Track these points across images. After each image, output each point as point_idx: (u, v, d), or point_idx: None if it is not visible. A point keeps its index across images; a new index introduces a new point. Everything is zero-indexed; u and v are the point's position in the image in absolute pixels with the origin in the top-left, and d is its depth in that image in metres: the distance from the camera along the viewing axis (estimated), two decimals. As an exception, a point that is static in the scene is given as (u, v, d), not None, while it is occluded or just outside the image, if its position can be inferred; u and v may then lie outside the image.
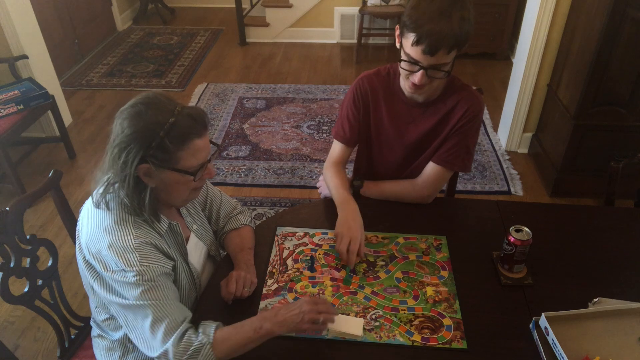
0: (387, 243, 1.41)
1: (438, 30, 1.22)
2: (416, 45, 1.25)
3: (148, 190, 1.08)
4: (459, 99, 1.44)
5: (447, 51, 1.26)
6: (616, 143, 2.55)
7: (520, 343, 1.14)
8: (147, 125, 1.03)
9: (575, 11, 2.60)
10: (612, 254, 1.39)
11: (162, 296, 1.08)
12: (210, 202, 1.42)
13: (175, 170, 1.07)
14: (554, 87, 2.83)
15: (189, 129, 1.06)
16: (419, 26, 1.23)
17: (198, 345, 1.05)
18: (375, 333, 1.17)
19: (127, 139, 1.03)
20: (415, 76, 1.32)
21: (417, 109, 1.48)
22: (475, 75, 4.16)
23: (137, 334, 1.08)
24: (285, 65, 4.40)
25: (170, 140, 1.03)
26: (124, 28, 5.20)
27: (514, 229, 1.27)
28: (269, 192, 2.88)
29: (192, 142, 1.07)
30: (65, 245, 2.46)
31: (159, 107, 1.05)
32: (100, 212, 1.11)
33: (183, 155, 1.06)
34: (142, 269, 1.06)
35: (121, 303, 1.08)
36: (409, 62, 1.31)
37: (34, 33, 3.11)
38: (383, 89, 1.51)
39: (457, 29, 1.23)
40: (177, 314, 1.09)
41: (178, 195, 1.15)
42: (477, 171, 3.03)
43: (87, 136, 3.43)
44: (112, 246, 1.06)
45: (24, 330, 2.11)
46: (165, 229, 1.18)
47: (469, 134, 1.46)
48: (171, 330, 1.06)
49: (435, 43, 1.23)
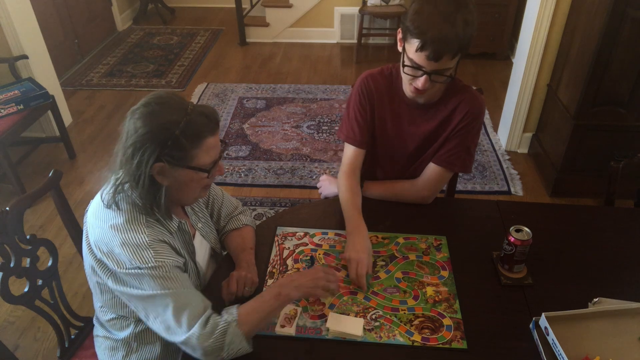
0: (387, 243, 1.41)
1: (442, 36, 1.20)
2: (420, 51, 1.24)
3: (163, 190, 1.09)
4: (460, 100, 1.43)
5: (452, 56, 1.25)
6: (616, 143, 2.55)
7: (520, 343, 1.14)
8: (162, 124, 1.03)
9: (575, 11, 2.60)
10: (612, 254, 1.39)
11: (180, 285, 1.08)
12: (212, 201, 1.42)
13: (190, 168, 1.08)
14: (554, 87, 2.83)
15: (203, 127, 1.07)
16: (423, 32, 1.21)
17: (224, 325, 1.05)
18: (375, 333, 1.17)
19: (141, 138, 1.03)
20: (418, 81, 1.31)
21: (419, 110, 1.48)
22: (475, 75, 4.16)
23: (160, 323, 1.07)
24: (285, 65, 4.40)
25: (185, 138, 1.04)
26: (124, 28, 5.20)
27: (514, 229, 1.27)
28: (269, 192, 2.88)
29: (206, 139, 1.08)
30: (65, 245, 2.46)
31: (172, 106, 1.06)
32: (110, 212, 1.10)
33: (198, 153, 1.07)
34: (158, 264, 1.06)
35: (140, 295, 1.07)
36: (412, 67, 1.30)
37: (34, 33, 3.11)
38: (386, 88, 1.50)
39: (462, 34, 1.21)
40: (198, 301, 1.09)
41: (190, 193, 1.16)
42: (477, 171, 3.03)
43: (87, 136, 3.43)
44: (126, 244, 1.06)
45: (24, 330, 2.11)
46: (176, 228, 1.19)
47: (469, 135, 1.46)
48: (195, 316, 1.05)
49: (440, 49, 1.22)
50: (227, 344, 1.05)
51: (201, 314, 1.06)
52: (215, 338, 1.04)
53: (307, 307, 1.23)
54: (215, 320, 1.06)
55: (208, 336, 1.03)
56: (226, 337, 1.04)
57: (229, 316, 1.07)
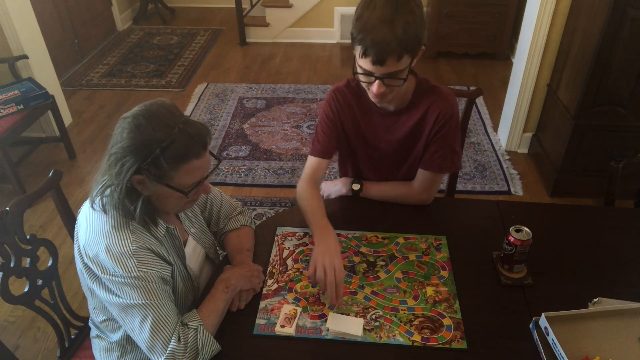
0: (387, 243, 1.41)
1: (381, 39, 1.18)
2: (364, 57, 1.23)
3: (141, 199, 1.08)
4: (429, 102, 1.42)
5: (397, 58, 1.21)
6: (616, 143, 2.55)
7: (520, 343, 1.14)
8: (145, 140, 1.02)
9: (575, 11, 2.60)
10: (612, 254, 1.38)
11: (159, 298, 1.09)
12: (210, 205, 1.42)
13: (168, 186, 1.07)
14: (554, 87, 2.83)
15: (186, 150, 1.05)
16: (363, 38, 1.20)
17: (194, 333, 1.08)
18: (375, 333, 1.17)
19: (123, 150, 1.03)
20: (373, 86, 1.30)
21: (391, 117, 1.47)
22: (475, 75, 4.16)
23: (140, 340, 1.09)
24: (285, 65, 4.40)
25: (165, 159, 1.02)
26: (124, 28, 5.20)
27: (514, 229, 1.27)
28: (269, 192, 2.88)
29: (189, 162, 1.06)
30: (65, 245, 2.46)
31: (160, 122, 1.03)
32: (98, 215, 1.11)
33: (176, 175, 1.06)
34: (140, 274, 1.07)
35: (119, 303, 1.08)
36: (363, 74, 1.29)
37: (34, 33, 3.11)
38: (356, 100, 1.49)
39: (402, 35, 1.18)
40: (173, 317, 1.10)
41: (172, 206, 1.16)
42: (477, 171, 3.03)
43: (87, 136, 3.43)
44: (110, 251, 1.06)
45: (24, 330, 2.11)
46: (163, 234, 1.18)
47: (448, 136, 1.45)
48: (169, 334, 1.07)
49: (381, 52, 1.19)
50: (199, 349, 1.08)
51: (174, 329, 1.08)
52: (190, 348, 1.07)
53: (307, 307, 1.23)
54: (186, 334, 1.08)
55: (184, 350, 1.06)
56: (198, 344, 1.08)
57: (193, 323, 1.10)
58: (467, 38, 4.25)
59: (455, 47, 4.32)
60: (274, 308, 1.23)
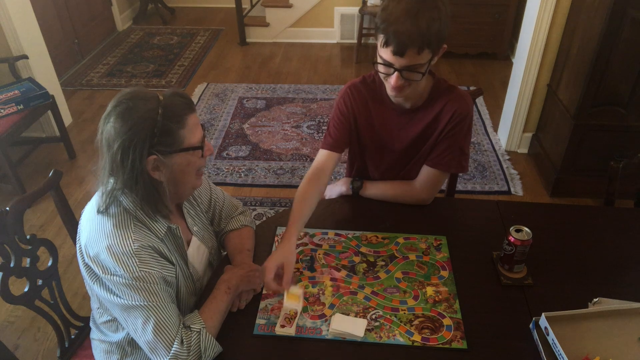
0: (387, 243, 1.41)
1: (404, 30, 1.20)
2: (385, 47, 1.25)
3: (163, 186, 1.09)
4: (445, 102, 1.43)
5: (417, 51, 1.23)
6: (616, 143, 2.55)
7: (520, 343, 1.14)
8: (141, 116, 1.02)
9: (575, 11, 2.60)
10: (612, 254, 1.39)
11: (161, 299, 1.08)
12: (213, 204, 1.42)
13: (183, 150, 1.08)
14: (554, 87, 2.83)
15: (181, 106, 1.07)
16: (386, 27, 1.22)
17: (197, 336, 1.08)
18: (375, 333, 1.17)
19: (127, 136, 1.01)
20: (391, 78, 1.31)
21: (406, 115, 1.48)
22: (475, 75, 4.16)
23: (143, 342, 1.08)
24: (285, 65, 4.40)
25: (170, 120, 1.04)
26: (124, 28, 5.20)
27: (514, 229, 1.27)
28: (269, 192, 2.88)
29: (188, 117, 1.08)
30: (65, 245, 2.46)
31: (143, 97, 1.05)
32: (100, 216, 1.10)
33: (185, 133, 1.07)
34: (142, 275, 1.06)
35: (121, 304, 1.08)
36: (382, 64, 1.30)
37: (34, 33, 3.11)
38: (371, 96, 1.50)
39: (425, 29, 1.20)
40: (175, 318, 1.10)
41: (187, 181, 1.15)
42: (477, 171, 3.03)
43: (87, 136, 3.43)
44: (111, 250, 1.06)
45: (24, 330, 2.11)
46: (164, 232, 1.17)
47: (459, 136, 1.45)
48: (172, 336, 1.07)
49: (402, 43, 1.21)
50: (202, 352, 1.08)
51: (177, 332, 1.08)
52: (193, 352, 1.07)
53: (307, 307, 1.23)
54: (189, 337, 1.08)
55: (187, 353, 1.06)
56: (201, 346, 1.08)
57: (196, 325, 1.10)
58: (467, 38, 4.25)
59: (455, 47, 4.31)
60: (274, 308, 1.23)
